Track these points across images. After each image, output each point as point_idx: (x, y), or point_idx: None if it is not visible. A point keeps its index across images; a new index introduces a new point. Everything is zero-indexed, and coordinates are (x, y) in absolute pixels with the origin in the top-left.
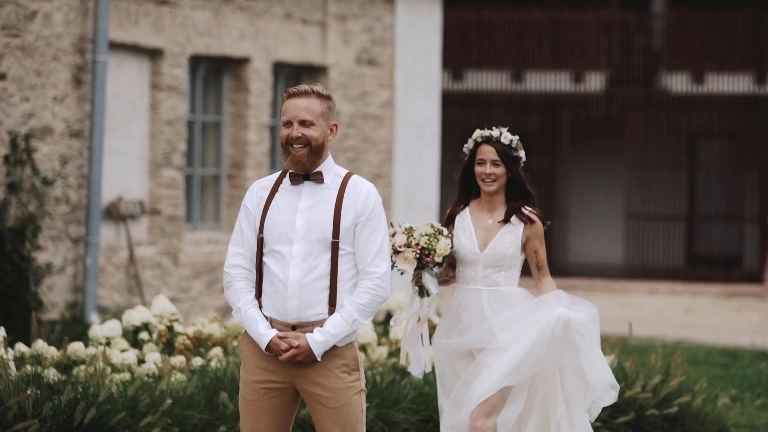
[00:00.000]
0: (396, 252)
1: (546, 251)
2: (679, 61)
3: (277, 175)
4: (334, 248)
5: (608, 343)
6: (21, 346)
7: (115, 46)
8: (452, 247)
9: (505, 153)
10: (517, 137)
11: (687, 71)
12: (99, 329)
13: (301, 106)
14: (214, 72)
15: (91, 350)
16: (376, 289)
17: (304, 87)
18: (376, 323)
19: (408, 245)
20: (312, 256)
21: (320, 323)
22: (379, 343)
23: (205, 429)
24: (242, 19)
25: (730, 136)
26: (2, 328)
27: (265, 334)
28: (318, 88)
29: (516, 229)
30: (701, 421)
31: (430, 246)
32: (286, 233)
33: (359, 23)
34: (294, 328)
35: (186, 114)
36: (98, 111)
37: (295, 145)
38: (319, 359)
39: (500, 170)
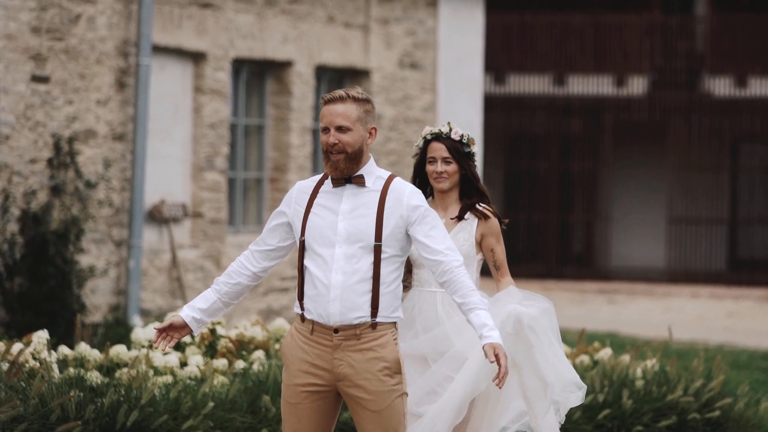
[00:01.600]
0: None
1: (505, 250)
2: (722, 64)
3: (318, 177)
4: (377, 251)
5: (650, 347)
6: (64, 349)
7: (159, 50)
8: None
9: (456, 149)
10: (468, 132)
11: (730, 75)
12: (142, 332)
13: (338, 112)
14: (257, 75)
15: (134, 353)
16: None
17: (340, 92)
18: None
19: None
20: (354, 259)
21: (362, 326)
22: None
23: None
24: (285, 22)
25: None
26: (45, 330)
27: (175, 315)
28: (354, 92)
29: (469, 225)
30: (743, 425)
31: None
32: (328, 236)
33: (402, 27)
34: (336, 331)
35: (228, 117)
36: (141, 114)
37: (332, 151)
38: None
39: (452, 168)
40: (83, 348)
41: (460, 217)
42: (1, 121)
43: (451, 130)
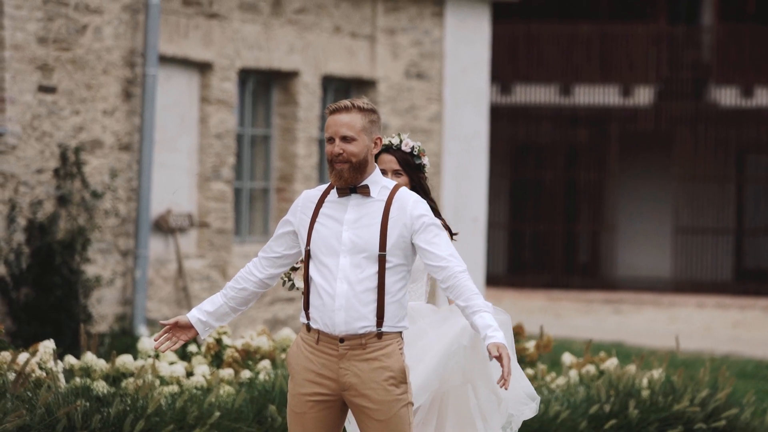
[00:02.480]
0: (293, 269)
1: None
2: (728, 74)
3: (325, 186)
4: (382, 261)
5: (656, 357)
6: (70, 359)
7: (165, 60)
8: None
9: (407, 162)
10: (419, 143)
11: (736, 85)
12: (148, 342)
13: (343, 122)
14: (263, 85)
15: (140, 363)
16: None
17: (345, 102)
18: None
19: None
20: (359, 269)
21: (368, 336)
22: None
23: None
24: (291, 32)
25: None
26: (52, 340)
27: (190, 314)
28: (360, 102)
29: None
30: None
31: None
32: (333, 246)
33: (408, 37)
34: (342, 340)
35: (235, 127)
36: (147, 124)
37: (337, 161)
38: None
39: (402, 180)
40: (89, 358)
41: None
42: (8, 131)
43: (401, 141)
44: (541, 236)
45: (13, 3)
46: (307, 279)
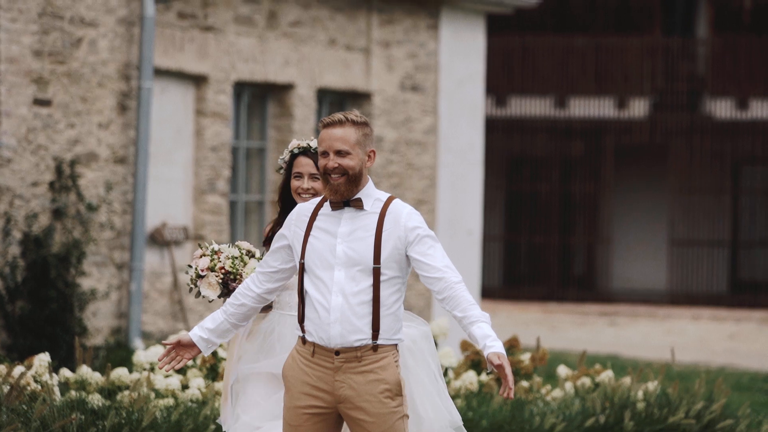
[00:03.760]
0: (199, 276)
1: None
2: (723, 86)
3: (318, 200)
4: (376, 274)
5: (652, 369)
6: (65, 372)
7: (160, 73)
8: None
9: None
10: None
11: (731, 97)
12: (143, 355)
13: (337, 136)
14: (259, 98)
15: (135, 376)
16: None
17: (338, 116)
18: None
19: (212, 269)
20: (353, 282)
21: (363, 348)
22: None
23: None
24: (286, 45)
25: None
26: (47, 353)
27: (184, 333)
28: (353, 115)
29: None
30: None
31: (235, 270)
32: (327, 259)
33: (403, 49)
34: (337, 353)
35: (230, 140)
36: (143, 137)
37: (332, 175)
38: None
39: (319, 184)
40: (85, 371)
41: None
42: (3, 144)
43: None
44: (537, 248)
45: (8, 16)
46: (301, 292)
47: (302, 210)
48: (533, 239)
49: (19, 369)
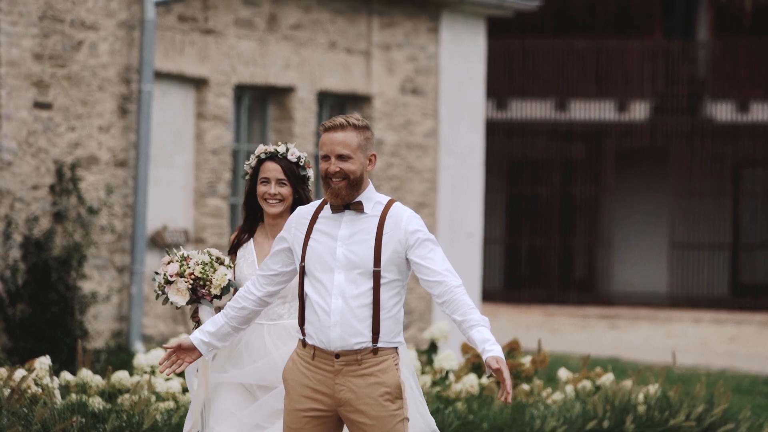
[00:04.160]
0: (167, 282)
1: None
2: (724, 89)
3: (318, 202)
4: (376, 277)
5: (652, 372)
6: (66, 375)
7: (161, 76)
8: (231, 279)
9: (292, 171)
10: (305, 154)
11: (732, 100)
12: (144, 358)
13: (338, 140)
14: (259, 101)
15: (136, 379)
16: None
17: (340, 120)
18: (420, 352)
19: (181, 275)
20: (353, 285)
21: (363, 351)
22: (423, 372)
23: None
24: (287, 48)
25: None
26: (48, 356)
27: (185, 337)
28: (354, 119)
29: None
30: None
31: (205, 276)
32: (327, 262)
33: (403, 52)
34: (337, 356)
35: (231, 143)
36: (143, 140)
37: (333, 179)
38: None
39: (286, 190)
40: (85, 374)
41: None
42: (4, 147)
43: (287, 150)
44: (537, 251)
45: (9, 19)
46: (302, 295)
47: (302, 213)
48: (534, 242)
49: (20, 372)
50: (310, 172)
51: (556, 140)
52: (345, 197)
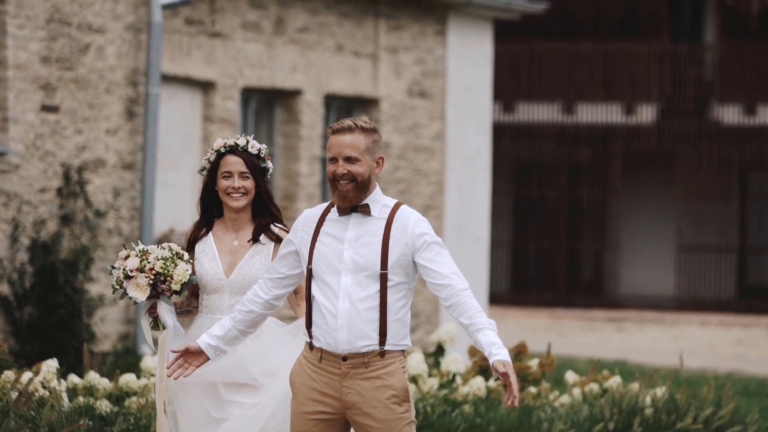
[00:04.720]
0: (127, 277)
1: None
2: (731, 92)
3: (325, 205)
4: (383, 279)
5: (660, 375)
6: (73, 378)
7: (168, 79)
8: (192, 274)
9: (254, 164)
10: (264, 146)
11: (739, 103)
12: (151, 361)
13: (346, 143)
14: (266, 104)
15: (143, 381)
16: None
17: (348, 122)
18: (426, 355)
19: (141, 270)
20: (360, 288)
21: (370, 354)
22: (430, 375)
23: None
24: (294, 51)
25: None
26: (55, 359)
27: (199, 340)
28: (362, 122)
29: (266, 249)
30: None
31: (166, 271)
32: (334, 264)
33: (410, 55)
34: (345, 359)
35: None
36: (150, 143)
37: (341, 181)
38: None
39: (249, 183)
40: (93, 377)
41: (255, 240)
42: (11, 150)
43: (248, 143)
44: (544, 254)
45: (16, 23)
46: (308, 297)
47: (309, 215)
48: (541, 245)
49: (27, 375)
50: (270, 164)
51: (563, 143)
52: (352, 199)
